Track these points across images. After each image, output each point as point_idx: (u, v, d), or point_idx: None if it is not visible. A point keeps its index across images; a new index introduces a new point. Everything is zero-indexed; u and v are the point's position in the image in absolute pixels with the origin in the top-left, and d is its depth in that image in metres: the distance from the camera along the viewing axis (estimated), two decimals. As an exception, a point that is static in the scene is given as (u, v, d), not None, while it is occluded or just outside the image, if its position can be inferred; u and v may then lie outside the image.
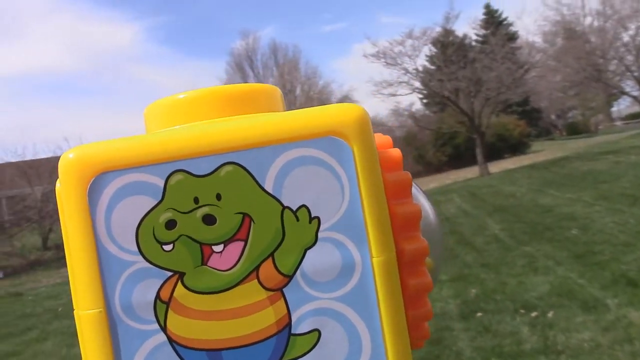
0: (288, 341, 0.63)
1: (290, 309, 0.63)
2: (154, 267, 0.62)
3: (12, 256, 16.46)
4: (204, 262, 0.62)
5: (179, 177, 0.62)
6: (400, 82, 26.79)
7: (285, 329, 0.63)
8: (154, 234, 0.62)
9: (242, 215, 0.63)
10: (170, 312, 0.62)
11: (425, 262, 0.76)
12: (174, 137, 0.64)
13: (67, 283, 0.78)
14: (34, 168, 18.81)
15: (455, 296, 6.51)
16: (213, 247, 0.62)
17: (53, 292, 12.42)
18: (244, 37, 41.96)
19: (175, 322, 0.62)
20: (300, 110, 0.67)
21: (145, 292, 0.62)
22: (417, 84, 27.42)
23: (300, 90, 37.95)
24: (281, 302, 0.63)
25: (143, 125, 0.79)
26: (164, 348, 0.62)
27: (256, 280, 0.63)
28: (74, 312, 0.62)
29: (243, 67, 39.49)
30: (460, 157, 34.58)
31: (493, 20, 42.24)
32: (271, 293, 0.63)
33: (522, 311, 5.68)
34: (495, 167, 26.44)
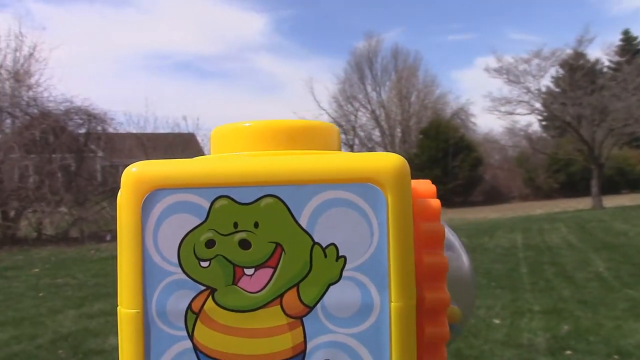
0: (301, 367, 0.68)
1: (307, 337, 0.68)
2: (190, 280, 0.68)
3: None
4: (235, 282, 0.68)
5: (223, 202, 0.68)
6: (520, 101, 26.01)
7: (299, 355, 0.68)
8: (194, 250, 0.68)
9: (275, 244, 0.68)
10: (198, 323, 0.68)
11: (453, 311, 0.78)
12: (223, 165, 0.70)
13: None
14: (151, 141, 19.89)
15: (546, 329, 6.27)
16: (245, 269, 0.68)
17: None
18: (368, 38, 42.06)
19: (201, 332, 0.68)
20: (344, 153, 0.71)
21: (179, 301, 0.68)
22: (538, 105, 26.52)
23: (415, 97, 37.69)
24: (299, 330, 0.68)
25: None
26: (189, 354, 0.68)
27: (279, 306, 0.68)
28: (117, 307, 0.70)
29: (362, 68, 39.66)
30: (573, 186, 33.11)
31: (630, 48, 39.92)
32: (291, 320, 0.68)
33: (615, 357, 5.40)
34: (610, 201, 25.12)
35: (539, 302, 7.43)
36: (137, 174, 0.69)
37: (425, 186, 0.78)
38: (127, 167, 0.71)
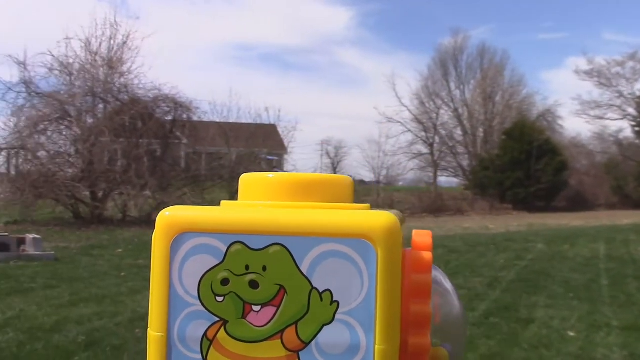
0: (295, 394, 0.79)
1: (302, 369, 0.79)
2: (207, 311, 0.80)
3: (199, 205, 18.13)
4: (244, 316, 0.80)
5: (238, 247, 0.80)
6: (611, 106, 25.04)
7: (295, 384, 0.79)
8: (211, 286, 0.80)
9: (279, 286, 0.79)
10: (212, 349, 0.80)
11: (440, 352, 0.87)
12: (240, 215, 0.82)
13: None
14: (234, 131, 20.44)
15: (624, 346, 6.02)
16: (253, 306, 0.80)
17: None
18: (454, 34, 41.43)
19: (214, 357, 0.80)
20: (345, 212, 0.82)
21: (197, 329, 0.81)
22: (631, 110, 25.44)
23: (500, 97, 36.88)
24: (296, 362, 0.79)
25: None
26: (202, 375, 0.81)
27: (280, 340, 0.79)
28: (148, 330, 0.83)
29: (447, 65, 39.12)
30: (665, 197, 31.58)
31: None
32: (289, 353, 0.79)
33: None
34: None
35: (619, 317, 7.16)
36: (169, 218, 0.82)
37: (422, 238, 0.87)
38: (162, 212, 0.84)
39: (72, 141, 18.42)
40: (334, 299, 0.78)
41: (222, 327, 0.80)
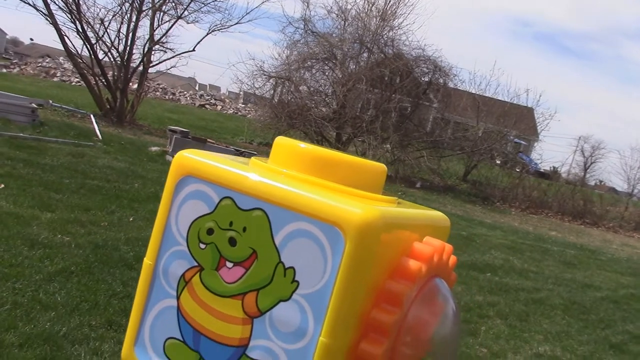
0: (240, 358, 0.80)
1: (252, 335, 0.79)
2: (190, 254, 0.84)
3: (434, 173, 18.14)
4: (217, 268, 0.82)
5: (227, 202, 0.82)
6: None
7: (242, 347, 0.80)
8: (198, 233, 0.84)
9: (252, 250, 0.80)
10: (185, 290, 0.84)
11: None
12: (240, 172, 0.83)
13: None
14: (487, 106, 19.76)
15: None
16: (227, 262, 0.82)
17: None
18: None
19: (185, 298, 0.84)
20: (333, 196, 0.78)
21: (178, 268, 0.85)
22: None
23: None
24: (248, 327, 0.80)
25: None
26: (172, 310, 0.85)
27: (241, 301, 0.81)
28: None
29: None
30: None
31: None
32: (246, 317, 0.80)
33: None
34: None
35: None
36: (181, 159, 0.86)
37: (422, 248, 0.80)
38: (179, 152, 0.88)
39: (331, 82, 19.44)
40: (295, 278, 0.77)
41: (198, 273, 0.84)
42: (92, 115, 11.91)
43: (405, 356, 0.79)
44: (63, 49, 13.75)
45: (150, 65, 14.88)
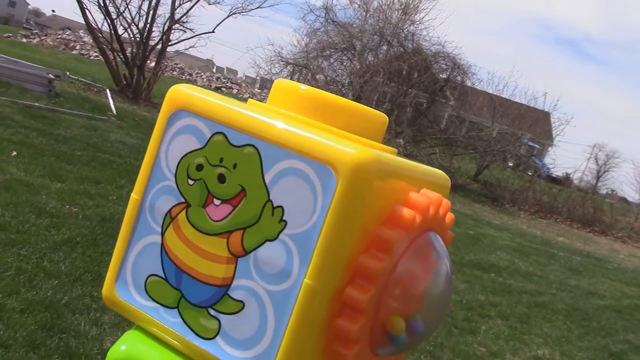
0: (222, 297, 0.77)
1: (235, 275, 0.77)
2: (177, 190, 0.81)
3: (445, 170, 17.99)
4: (204, 205, 0.79)
5: (219, 137, 0.79)
6: None
7: (224, 287, 0.77)
8: (187, 168, 0.81)
9: (241, 188, 0.77)
10: (170, 227, 0.82)
11: (396, 322, 0.78)
12: (231, 108, 0.80)
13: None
14: (503, 107, 19.59)
15: None
16: (215, 199, 0.79)
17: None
18: None
19: (169, 235, 0.82)
20: (329, 137, 0.75)
21: (165, 203, 0.82)
22: None
23: None
24: (232, 266, 0.77)
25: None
26: (156, 247, 0.83)
27: (226, 240, 0.78)
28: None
29: None
30: None
31: None
32: (230, 256, 0.77)
33: None
34: None
35: None
36: (174, 92, 0.84)
37: (418, 198, 0.77)
38: (175, 85, 0.85)
39: (349, 73, 19.37)
40: (284, 218, 0.74)
41: (185, 210, 0.81)
42: (108, 90, 11.92)
43: (392, 309, 0.76)
44: (84, 22, 13.75)
45: (169, 44, 14.85)
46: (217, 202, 0.79)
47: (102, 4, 13.38)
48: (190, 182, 0.81)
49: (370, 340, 0.77)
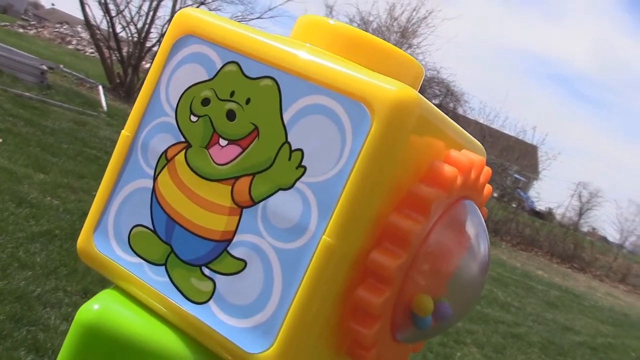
0: (220, 254, 0.65)
1: (238, 229, 0.64)
2: (177, 127, 0.69)
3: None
4: (208, 146, 0.67)
5: (232, 67, 0.67)
6: None
7: (224, 242, 0.65)
8: (191, 103, 0.69)
9: (254, 127, 0.65)
10: (165, 170, 0.69)
11: (423, 301, 0.66)
12: (248, 34, 0.68)
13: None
14: (492, 137, 19.63)
15: None
16: (221, 139, 0.66)
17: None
18: None
19: (163, 180, 0.69)
20: (364, 71, 0.63)
21: (161, 142, 0.70)
22: None
23: None
24: (235, 218, 0.64)
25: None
26: (146, 193, 0.70)
27: (231, 187, 0.65)
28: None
29: None
30: None
31: None
32: (233, 206, 0.65)
33: None
34: None
35: None
36: (182, 16, 0.71)
37: (460, 157, 0.65)
38: (185, 8, 0.74)
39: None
40: (302, 163, 0.62)
41: (184, 151, 0.68)
42: (100, 87, 11.72)
43: (418, 287, 0.64)
44: (82, 17, 13.56)
45: (166, 45, 14.68)
46: (223, 142, 0.67)
47: (103, 1, 13.23)
48: (193, 118, 0.68)
49: (392, 321, 0.65)
